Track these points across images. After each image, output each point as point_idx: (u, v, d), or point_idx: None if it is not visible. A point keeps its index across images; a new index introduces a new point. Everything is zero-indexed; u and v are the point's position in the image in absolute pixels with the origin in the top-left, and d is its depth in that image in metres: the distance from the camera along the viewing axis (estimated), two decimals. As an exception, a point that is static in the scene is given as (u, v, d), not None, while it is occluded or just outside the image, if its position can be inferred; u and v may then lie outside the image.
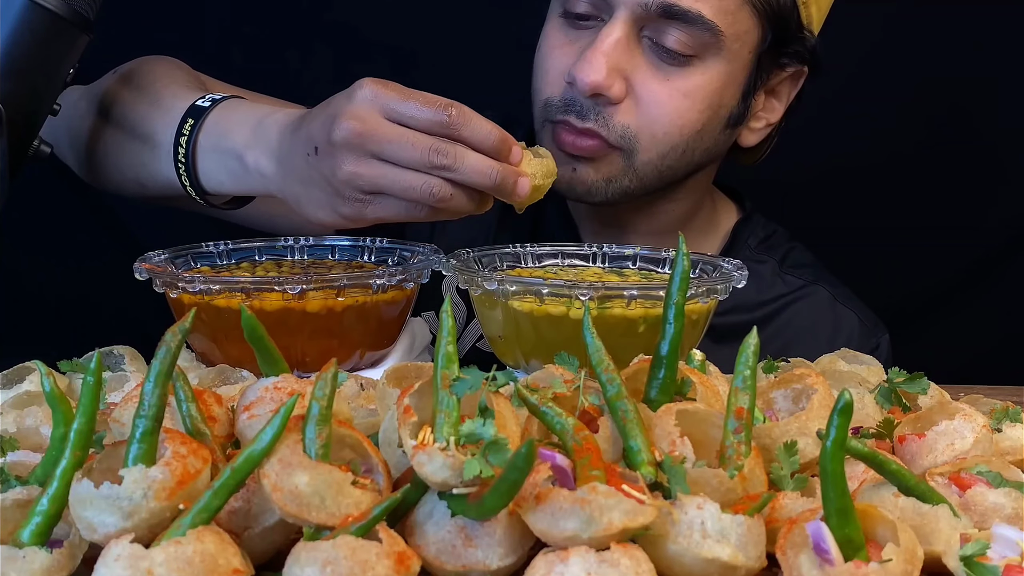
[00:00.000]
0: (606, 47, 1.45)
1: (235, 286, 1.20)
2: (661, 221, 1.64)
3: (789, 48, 1.55)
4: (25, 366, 1.15)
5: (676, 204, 1.64)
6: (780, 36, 1.53)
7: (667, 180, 1.56)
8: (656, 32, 1.46)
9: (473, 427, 0.80)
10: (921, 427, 0.99)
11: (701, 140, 1.53)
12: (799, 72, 1.60)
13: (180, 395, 0.89)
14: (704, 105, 1.50)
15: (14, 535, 0.79)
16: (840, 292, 1.70)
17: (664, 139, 1.50)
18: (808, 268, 1.72)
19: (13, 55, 1.20)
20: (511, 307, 1.18)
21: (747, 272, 1.25)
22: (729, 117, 1.55)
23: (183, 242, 1.34)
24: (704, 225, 1.71)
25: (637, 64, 1.47)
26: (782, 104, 1.62)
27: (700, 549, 0.77)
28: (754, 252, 1.69)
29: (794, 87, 1.61)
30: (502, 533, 0.78)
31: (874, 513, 0.80)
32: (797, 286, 1.68)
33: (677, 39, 1.45)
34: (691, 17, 1.43)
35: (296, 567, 0.74)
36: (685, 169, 1.56)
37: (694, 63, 1.47)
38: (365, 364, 1.28)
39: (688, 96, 1.49)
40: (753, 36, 1.50)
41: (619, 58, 1.45)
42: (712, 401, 0.93)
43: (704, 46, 1.46)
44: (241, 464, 0.78)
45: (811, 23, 1.55)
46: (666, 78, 1.48)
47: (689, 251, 0.97)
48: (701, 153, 1.55)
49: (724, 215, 1.74)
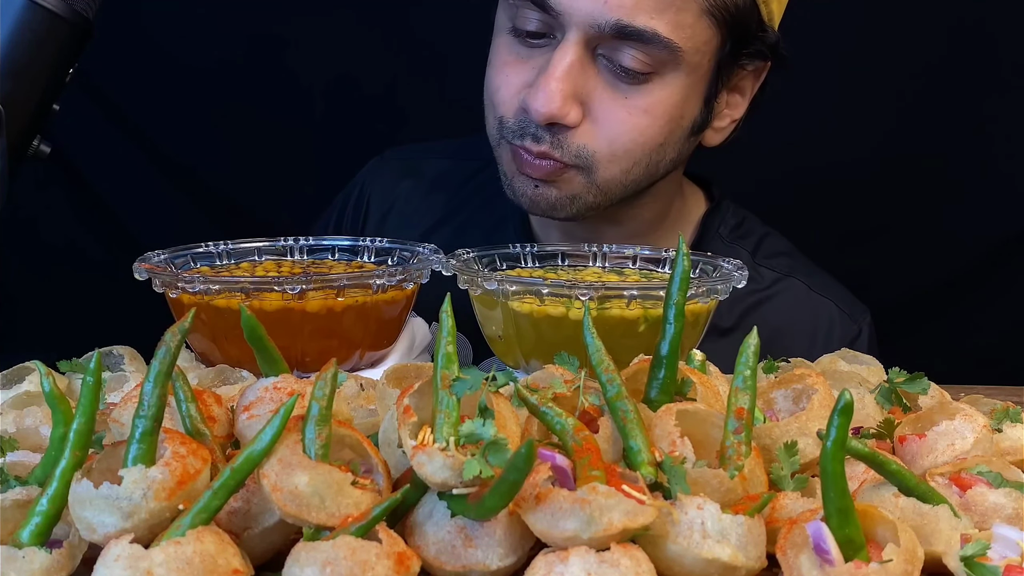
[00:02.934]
0: (559, 73, 1.40)
1: (235, 286, 1.20)
2: (629, 228, 1.62)
3: (750, 48, 1.51)
4: (25, 366, 1.15)
5: (643, 209, 1.62)
6: (740, 38, 1.48)
7: (632, 191, 1.53)
8: (611, 51, 1.41)
9: (473, 427, 0.80)
10: (921, 427, 0.99)
11: (664, 152, 1.50)
12: (761, 67, 1.56)
13: (180, 395, 0.89)
14: (665, 120, 1.46)
15: (14, 535, 0.79)
16: (816, 281, 1.67)
17: (625, 156, 1.46)
18: (783, 257, 1.69)
19: (13, 55, 1.20)
20: (511, 307, 1.18)
21: (747, 272, 1.25)
22: (692, 126, 1.51)
23: (183, 242, 1.34)
24: (673, 223, 1.68)
25: (593, 85, 1.43)
26: (745, 99, 1.58)
27: (700, 549, 0.77)
28: (726, 242, 1.67)
29: (757, 81, 1.57)
30: (502, 533, 0.78)
31: (874, 513, 0.80)
32: (771, 280, 1.66)
33: (633, 57, 1.40)
34: (647, 36, 1.38)
35: (296, 567, 0.74)
36: (650, 180, 1.53)
37: (653, 79, 1.43)
38: (365, 364, 1.28)
39: (648, 112, 1.44)
40: (712, 45, 1.45)
41: (574, 82, 1.41)
42: (712, 401, 0.93)
43: (662, 63, 1.41)
44: (241, 464, 0.78)
45: (772, 19, 1.51)
46: (624, 97, 1.43)
47: (689, 251, 0.97)
48: (666, 164, 1.52)
49: (693, 205, 1.71)
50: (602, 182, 1.48)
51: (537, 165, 1.46)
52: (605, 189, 1.49)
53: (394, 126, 2.21)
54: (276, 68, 2.25)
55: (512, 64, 1.47)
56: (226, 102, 2.26)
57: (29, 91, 1.23)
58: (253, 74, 2.25)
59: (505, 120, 1.48)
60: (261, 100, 2.26)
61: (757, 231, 1.71)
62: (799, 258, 1.71)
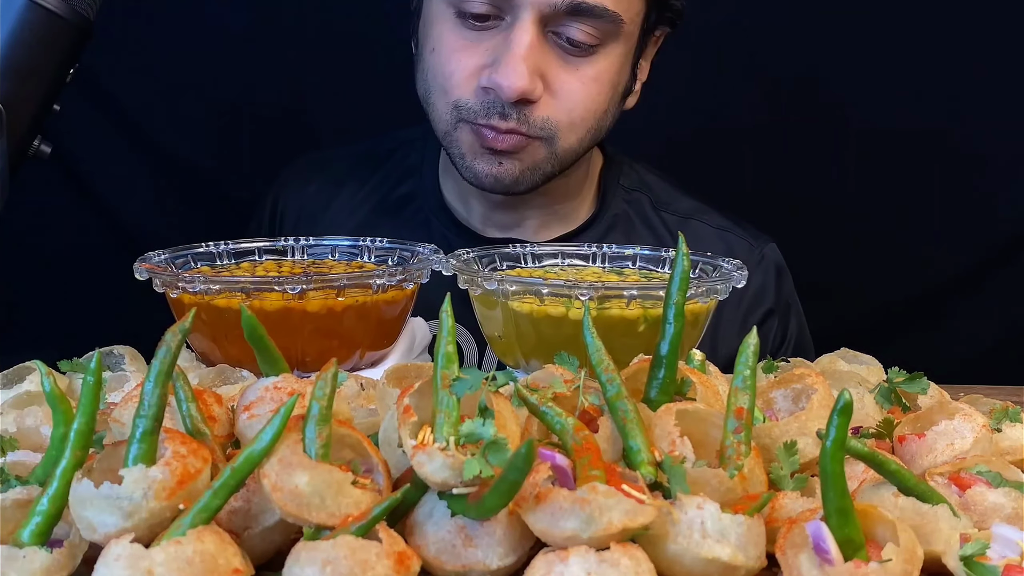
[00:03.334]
0: (523, 52, 1.47)
1: (235, 286, 1.20)
2: (556, 195, 1.68)
3: (663, 18, 1.62)
4: (25, 366, 1.15)
5: (568, 178, 1.67)
6: (661, 8, 1.60)
7: (578, 159, 1.61)
8: (561, 27, 1.49)
9: (473, 427, 0.80)
10: (921, 427, 0.99)
11: (607, 118, 1.59)
12: (664, 32, 1.66)
13: (180, 395, 0.89)
14: (609, 87, 1.56)
15: (14, 535, 0.79)
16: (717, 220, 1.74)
17: (581, 124, 1.55)
18: (683, 202, 1.76)
19: (13, 55, 1.20)
20: (511, 307, 1.18)
21: (747, 272, 1.25)
22: (624, 92, 1.61)
23: (183, 242, 1.34)
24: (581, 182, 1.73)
25: (548, 60, 1.50)
26: (648, 63, 1.68)
27: (700, 549, 0.77)
28: (627, 191, 1.75)
29: (656, 46, 1.68)
30: (502, 533, 0.78)
31: (874, 513, 0.80)
32: (674, 224, 1.72)
33: (583, 31, 1.49)
34: (597, 11, 1.48)
35: (296, 567, 0.74)
36: (593, 145, 1.62)
37: (598, 50, 1.52)
38: (365, 364, 1.28)
39: (596, 81, 1.53)
40: (642, 15, 1.57)
41: (535, 59, 1.48)
42: (712, 401, 0.93)
43: (607, 34, 1.51)
44: (241, 464, 0.78)
45: None
46: (576, 68, 1.52)
47: (689, 251, 0.97)
48: (605, 130, 1.62)
49: (595, 163, 1.77)
50: (561, 151, 1.56)
51: (504, 139, 1.52)
52: (562, 158, 1.57)
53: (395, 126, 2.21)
54: (276, 68, 2.25)
55: (463, 48, 1.53)
56: (227, 102, 2.26)
57: (29, 91, 1.23)
58: (253, 74, 2.25)
59: (463, 102, 1.53)
60: (261, 100, 2.26)
61: (651, 180, 1.78)
62: (701, 205, 1.78)
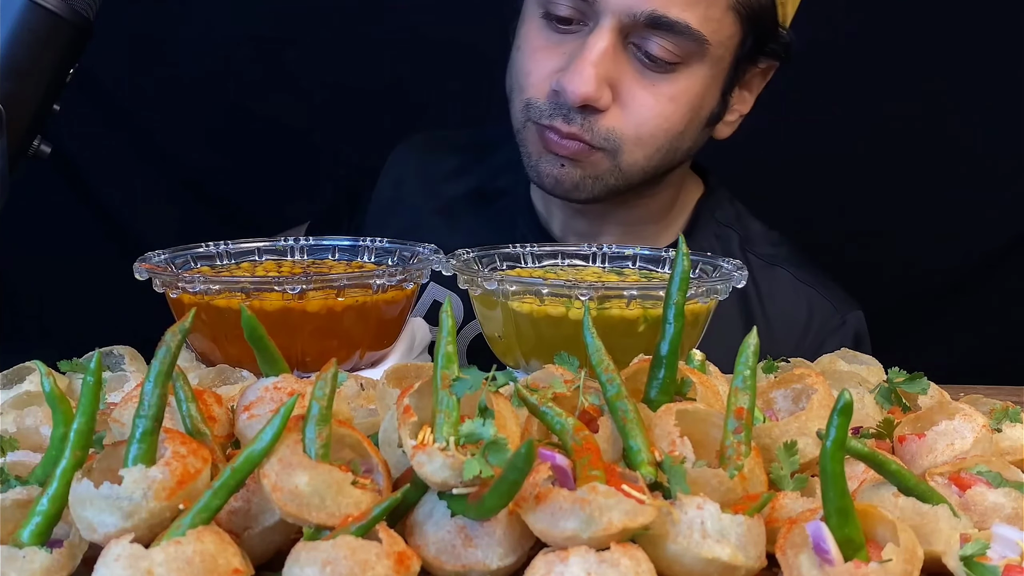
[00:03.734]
0: (595, 58, 1.46)
1: (235, 286, 1.20)
2: (638, 213, 1.66)
3: (766, 47, 1.58)
4: (25, 366, 1.15)
5: (655, 198, 1.66)
6: (759, 36, 1.55)
7: (650, 177, 1.58)
8: (642, 40, 1.47)
9: (473, 427, 0.80)
10: (921, 427, 0.99)
11: (683, 140, 1.56)
12: (770, 66, 1.63)
13: (180, 395, 0.89)
14: (687, 108, 1.52)
15: (14, 535, 0.79)
16: (803, 272, 1.71)
17: (650, 142, 1.52)
18: (771, 247, 1.73)
19: (13, 55, 1.20)
20: (511, 307, 1.18)
21: (747, 272, 1.25)
22: (709, 117, 1.58)
23: (183, 242, 1.34)
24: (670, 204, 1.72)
25: (623, 72, 1.49)
26: (753, 95, 1.65)
27: (700, 549, 0.77)
28: (719, 226, 1.72)
29: (764, 79, 1.64)
30: (502, 533, 0.78)
31: (874, 513, 0.80)
32: (758, 267, 1.69)
33: (663, 47, 1.47)
34: (678, 28, 1.45)
35: (296, 567, 0.74)
36: (668, 166, 1.59)
37: (679, 69, 1.49)
38: (365, 364, 1.28)
39: (673, 101, 1.51)
40: (735, 40, 1.53)
41: (607, 67, 1.47)
42: (712, 401, 0.93)
43: (690, 54, 1.48)
44: (241, 464, 0.78)
45: (786, 20, 1.58)
46: (652, 84, 1.50)
47: (689, 251, 0.97)
48: (683, 152, 1.59)
49: (693, 190, 1.76)
50: (625, 166, 1.53)
51: (565, 145, 1.52)
52: (627, 173, 1.54)
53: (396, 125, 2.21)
54: (277, 68, 2.25)
55: (543, 49, 1.53)
56: (227, 102, 2.26)
57: (29, 91, 1.23)
58: (254, 74, 2.25)
59: (533, 102, 1.53)
60: (262, 100, 2.26)
61: (748, 221, 1.75)
62: (789, 248, 1.75)
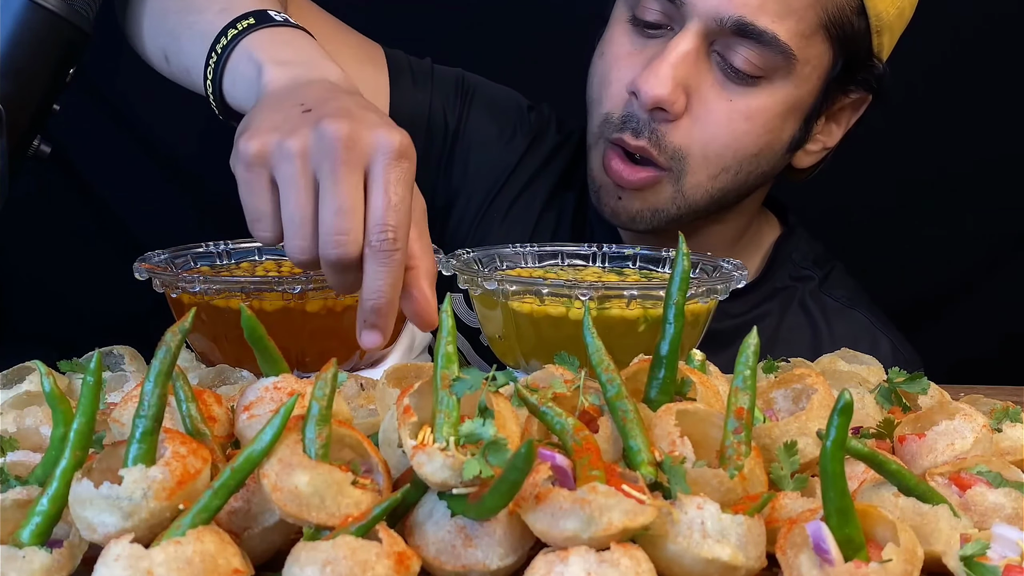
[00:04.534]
0: (674, 59, 1.40)
1: (235, 286, 1.20)
2: (708, 243, 1.59)
3: (857, 76, 1.51)
4: (25, 366, 1.15)
5: (725, 226, 1.61)
6: (850, 63, 1.48)
7: (719, 202, 1.51)
8: (726, 48, 1.41)
9: (473, 427, 0.80)
10: (921, 427, 0.99)
11: (757, 164, 1.49)
12: (863, 99, 1.55)
13: (180, 395, 0.89)
14: (764, 129, 1.46)
15: (14, 535, 0.79)
16: (878, 319, 1.66)
17: (716, 160, 1.46)
18: (849, 290, 1.68)
19: (13, 55, 1.20)
20: (511, 307, 1.18)
21: (747, 272, 1.25)
22: (790, 141, 1.51)
23: (183, 242, 1.34)
24: (748, 243, 1.67)
25: (702, 80, 1.43)
26: (841, 129, 1.58)
27: (700, 549, 0.77)
28: (798, 268, 1.66)
29: (855, 113, 1.57)
30: (502, 533, 0.78)
31: (874, 513, 0.80)
32: (834, 309, 1.64)
33: (747, 59, 1.41)
34: (766, 38, 1.39)
35: (296, 567, 0.74)
36: (737, 192, 1.52)
37: (761, 84, 1.43)
38: (365, 364, 1.28)
39: (749, 119, 1.44)
40: (824, 61, 1.46)
41: (686, 72, 1.41)
42: (712, 401, 0.93)
43: (774, 68, 1.42)
44: (241, 464, 0.78)
45: (881, 51, 1.50)
46: (729, 97, 1.43)
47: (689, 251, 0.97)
48: (757, 176, 1.51)
49: (768, 230, 1.70)
50: (688, 188, 1.47)
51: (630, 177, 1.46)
52: (690, 198, 1.48)
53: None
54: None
55: (627, 56, 1.47)
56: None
57: (29, 91, 1.23)
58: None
59: (611, 115, 1.48)
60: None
61: (827, 262, 1.70)
62: (864, 295, 1.70)
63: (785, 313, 1.62)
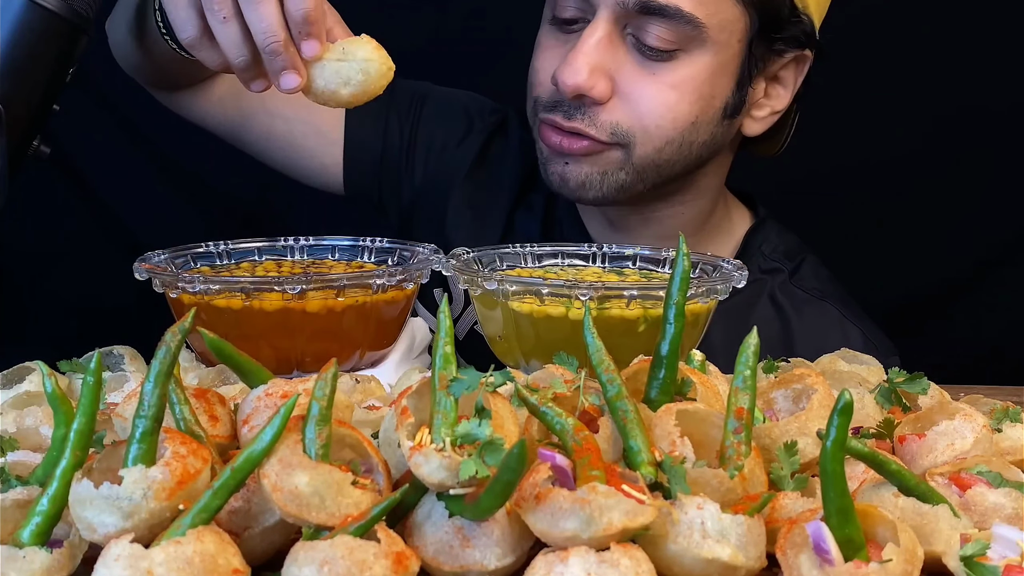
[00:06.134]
0: (587, 48, 1.46)
1: (235, 286, 1.20)
2: (668, 226, 1.63)
3: (783, 34, 1.53)
4: (25, 366, 1.15)
5: (684, 208, 1.63)
6: (771, 22, 1.51)
7: (667, 175, 1.55)
8: (638, 29, 1.46)
9: (469, 427, 0.80)
10: (921, 427, 0.99)
11: (697, 132, 1.52)
12: (802, 57, 1.57)
13: (173, 398, 0.88)
14: (695, 96, 1.49)
15: (14, 535, 0.79)
16: (849, 310, 1.66)
17: (657, 133, 1.50)
18: (819, 281, 1.69)
19: (13, 55, 1.20)
20: (511, 307, 1.18)
21: (747, 272, 1.25)
22: (725, 107, 1.53)
23: (183, 242, 1.34)
24: (715, 231, 1.69)
25: (622, 62, 1.48)
26: (788, 91, 1.60)
27: (700, 549, 0.77)
28: (767, 260, 1.67)
29: (799, 72, 1.59)
30: (500, 533, 0.78)
31: (874, 513, 0.80)
32: (804, 300, 1.65)
33: (658, 35, 1.45)
34: (669, 11, 1.43)
35: (294, 567, 0.74)
36: (685, 163, 1.55)
37: (679, 56, 1.47)
38: (365, 364, 1.28)
39: (676, 88, 1.48)
40: (740, 24, 1.49)
41: (601, 58, 1.46)
42: (712, 401, 0.93)
43: (687, 39, 1.46)
44: (241, 464, 0.78)
45: (806, 7, 1.53)
46: (652, 73, 1.48)
47: (690, 251, 0.97)
48: (700, 146, 1.54)
49: (737, 221, 1.72)
50: (637, 160, 1.51)
51: (568, 145, 1.51)
52: (640, 168, 1.52)
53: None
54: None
55: (549, 49, 1.54)
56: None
57: (29, 91, 1.23)
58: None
59: (539, 99, 1.54)
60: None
61: (798, 253, 1.71)
62: (836, 286, 1.70)
63: (754, 306, 1.63)
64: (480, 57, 2.10)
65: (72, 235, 2.26)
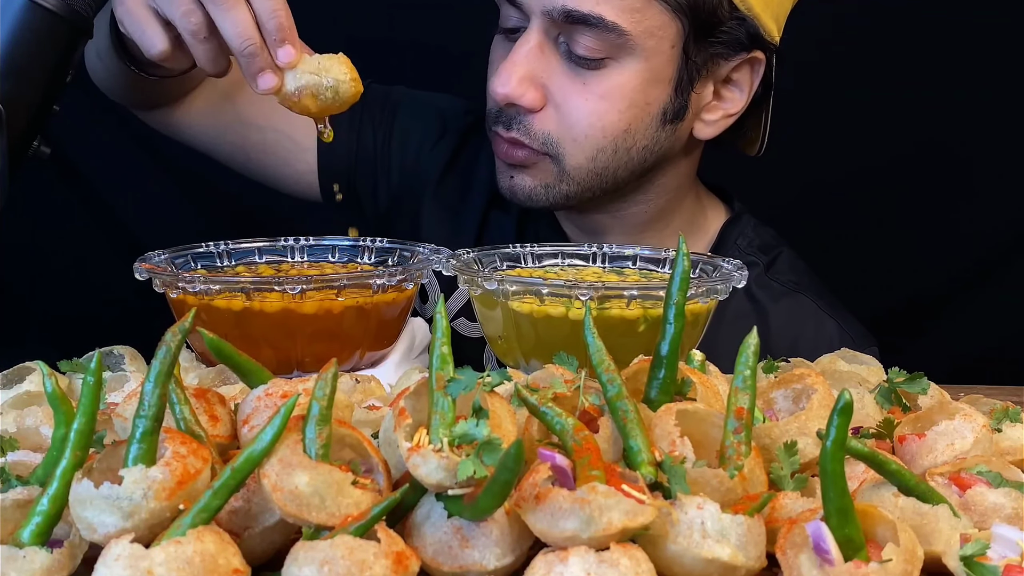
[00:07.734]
0: (517, 58, 1.47)
1: (235, 286, 1.20)
2: (632, 223, 1.64)
3: (721, 37, 1.49)
4: (25, 366, 1.15)
5: (647, 205, 1.63)
6: (705, 26, 1.48)
7: (610, 181, 1.54)
8: (569, 38, 1.46)
9: (466, 428, 0.80)
10: (921, 427, 0.99)
11: (633, 139, 1.51)
12: (754, 59, 1.53)
13: (173, 398, 0.89)
14: (625, 104, 1.48)
15: (14, 535, 0.80)
16: (825, 302, 1.66)
17: (587, 142, 1.49)
18: (795, 274, 1.68)
19: (13, 55, 1.20)
20: (511, 307, 1.18)
21: (747, 272, 1.25)
22: (664, 113, 1.51)
23: (183, 242, 1.34)
24: (687, 226, 1.68)
25: (553, 71, 1.48)
26: (743, 93, 1.56)
27: (700, 549, 0.77)
28: (743, 253, 1.66)
29: (755, 74, 1.55)
30: (499, 533, 0.78)
31: (874, 513, 0.80)
32: (780, 293, 1.64)
33: (586, 44, 1.45)
34: (593, 21, 1.42)
35: (294, 567, 0.74)
36: (628, 168, 1.54)
37: (608, 64, 1.46)
38: (365, 364, 1.28)
39: (605, 98, 1.47)
40: (670, 30, 1.46)
41: (532, 67, 1.47)
42: (712, 401, 0.93)
43: (615, 47, 1.45)
44: (241, 464, 0.78)
45: (750, 7, 1.48)
46: (583, 82, 1.47)
47: (689, 251, 0.97)
48: (640, 151, 1.53)
49: (712, 216, 1.72)
50: (571, 169, 1.52)
51: (511, 154, 1.53)
52: (576, 177, 1.52)
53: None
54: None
55: (497, 61, 1.54)
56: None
57: (29, 91, 1.23)
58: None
59: (490, 111, 1.55)
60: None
61: (774, 247, 1.70)
62: (812, 278, 1.70)
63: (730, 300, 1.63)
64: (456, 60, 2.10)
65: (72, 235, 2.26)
